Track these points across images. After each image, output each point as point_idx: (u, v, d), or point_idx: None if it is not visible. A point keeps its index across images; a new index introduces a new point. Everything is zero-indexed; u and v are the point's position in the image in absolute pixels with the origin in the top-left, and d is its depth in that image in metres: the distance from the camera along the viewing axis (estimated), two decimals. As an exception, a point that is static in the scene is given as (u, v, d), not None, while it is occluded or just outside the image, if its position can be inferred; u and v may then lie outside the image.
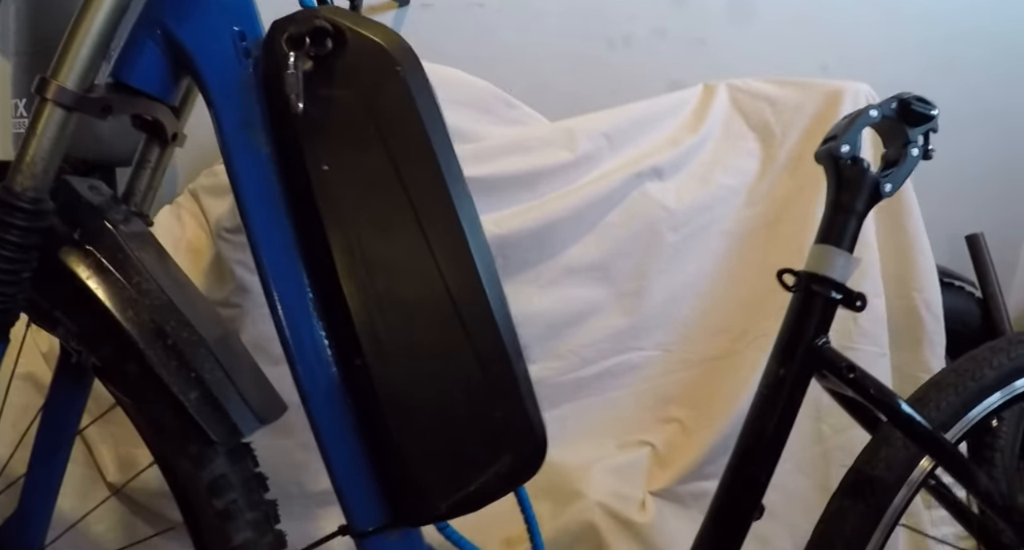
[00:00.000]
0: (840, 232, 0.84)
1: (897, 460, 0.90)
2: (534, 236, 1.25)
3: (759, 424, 0.84)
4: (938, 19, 1.74)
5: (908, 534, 1.32)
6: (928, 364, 1.37)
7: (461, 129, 1.28)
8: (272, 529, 0.77)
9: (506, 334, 0.74)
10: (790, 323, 0.84)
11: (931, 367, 1.37)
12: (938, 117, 0.87)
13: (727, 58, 1.63)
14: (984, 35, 1.77)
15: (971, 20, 1.76)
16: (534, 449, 0.75)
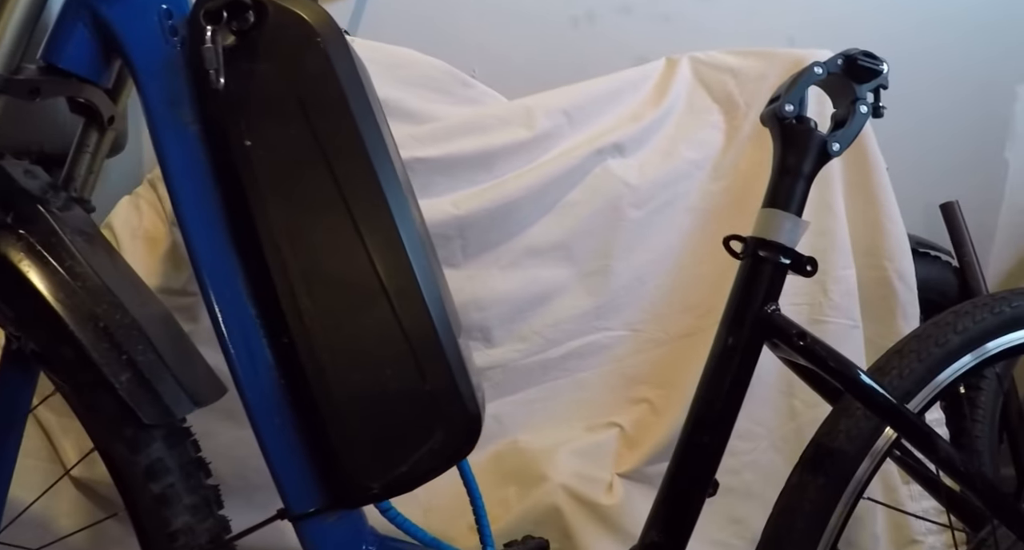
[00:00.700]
0: (787, 195, 0.82)
1: (858, 431, 0.87)
2: (493, 216, 1.23)
3: (710, 395, 0.82)
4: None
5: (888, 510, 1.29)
6: (903, 335, 1.33)
7: (415, 109, 1.25)
8: (213, 514, 0.76)
9: (434, 309, 0.72)
10: (738, 290, 0.82)
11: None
12: (888, 73, 0.84)
13: (693, 33, 1.60)
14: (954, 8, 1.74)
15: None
16: (468, 425, 0.73)
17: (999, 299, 0.97)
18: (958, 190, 1.64)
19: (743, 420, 1.30)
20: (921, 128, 1.71)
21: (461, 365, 0.73)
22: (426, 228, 0.85)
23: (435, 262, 0.80)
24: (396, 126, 1.22)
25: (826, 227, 1.30)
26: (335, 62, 0.70)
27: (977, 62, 1.74)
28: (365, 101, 0.72)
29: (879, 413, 0.84)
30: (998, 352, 0.95)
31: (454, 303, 0.85)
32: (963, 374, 0.93)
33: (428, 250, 0.77)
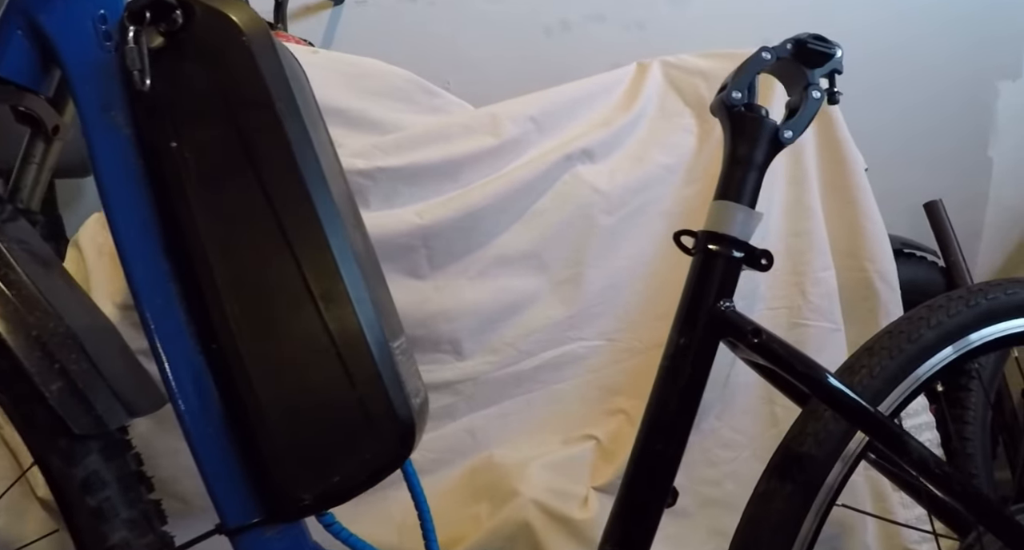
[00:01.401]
0: (739, 186, 0.79)
1: (826, 434, 0.83)
2: (459, 226, 1.20)
3: (663, 399, 0.78)
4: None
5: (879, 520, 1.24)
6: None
7: (379, 119, 1.23)
8: (153, 530, 0.74)
9: (363, 314, 0.69)
10: (690, 287, 0.78)
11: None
12: (842, 57, 0.81)
13: (667, 40, 1.59)
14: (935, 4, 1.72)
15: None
16: (400, 433, 0.70)
17: (975, 291, 0.93)
18: (943, 189, 1.61)
19: (724, 429, 1.28)
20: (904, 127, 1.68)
21: (393, 371, 0.70)
22: (364, 231, 0.83)
23: (370, 265, 0.78)
24: (360, 136, 1.21)
25: (803, 228, 1.27)
26: (260, 61, 0.69)
27: (958, 59, 1.72)
28: (292, 101, 0.70)
29: (846, 415, 0.80)
30: (974, 347, 0.91)
31: (394, 308, 0.83)
32: (938, 372, 0.89)
33: (361, 253, 0.75)
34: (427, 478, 1.23)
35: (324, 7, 1.55)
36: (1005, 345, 0.94)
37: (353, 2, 1.53)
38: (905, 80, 1.68)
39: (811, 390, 0.79)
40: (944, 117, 1.73)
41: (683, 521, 1.20)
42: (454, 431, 1.24)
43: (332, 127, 1.21)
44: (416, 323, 1.19)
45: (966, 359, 0.91)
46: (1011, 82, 1.74)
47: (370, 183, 1.18)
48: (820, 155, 1.31)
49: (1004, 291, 0.94)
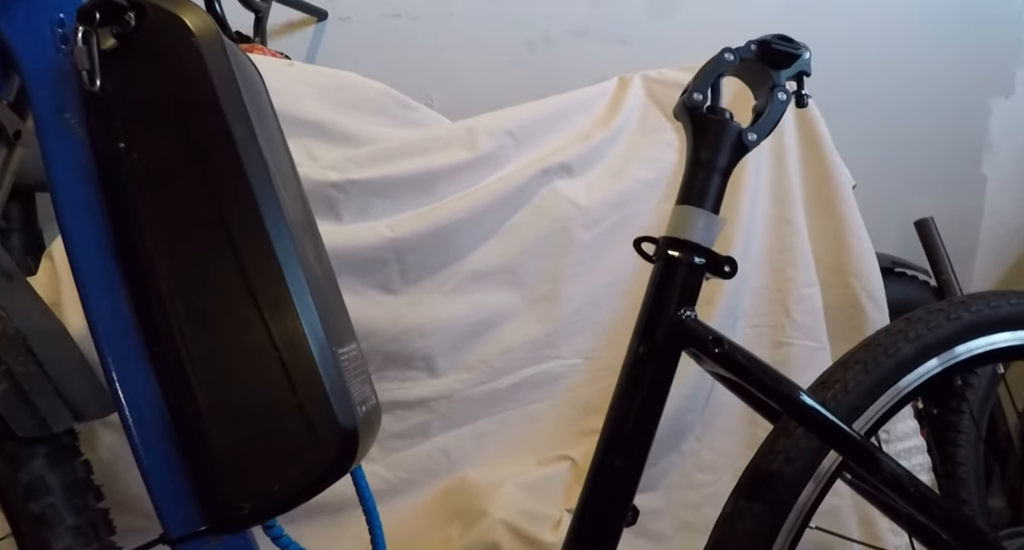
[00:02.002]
0: (701, 191, 0.76)
1: (798, 452, 0.79)
2: (432, 240, 1.18)
3: (621, 412, 0.75)
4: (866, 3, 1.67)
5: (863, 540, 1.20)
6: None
7: (355, 132, 1.22)
8: (99, 538, 0.73)
9: (306, 319, 0.67)
10: (650, 295, 0.75)
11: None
12: (809, 59, 0.78)
13: (650, 55, 1.57)
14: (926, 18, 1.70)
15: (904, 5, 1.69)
16: (342, 441, 0.67)
17: (957, 304, 0.89)
18: (935, 206, 1.58)
19: (704, 451, 1.24)
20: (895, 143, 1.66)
21: (337, 378, 0.68)
22: (317, 238, 0.81)
23: (320, 271, 0.76)
24: (334, 149, 1.20)
25: (786, 244, 1.24)
26: (209, 63, 0.68)
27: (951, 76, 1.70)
28: (240, 105, 0.69)
29: (817, 432, 0.76)
30: (956, 363, 0.88)
31: (346, 315, 0.81)
32: (918, 388, 0.86)
33: (310, 258, 0.73)
34: (400, 499, 1.20)
35: (308, 23, 1.55)
36: (988, 361, 0.91)
37: (336, 18, 1.53)
38: (897, 96, 1.66)
39: (779, 405, 0.76)
40: (936, 134, 1.71)
41: (661, 545, 1.16)
42: (428, 451, 1.21)
43: (306, 139, 1.21)
44: (389, 338, 1.16)
45: (947, 375, 0.87)
46: (1004, 99, 1.72)
47: (343, 196, 1.16)
48: (805, 170, 1.29)
49: (987, 304, 0.90)
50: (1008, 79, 1.71)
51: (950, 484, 1.27)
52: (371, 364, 1.18)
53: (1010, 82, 1.71)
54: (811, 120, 1.29)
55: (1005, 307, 0.90)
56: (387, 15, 1.52)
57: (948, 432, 1.30)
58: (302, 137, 1.20)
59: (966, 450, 1.27)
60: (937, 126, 1.71)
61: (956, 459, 1.26)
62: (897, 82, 1.66)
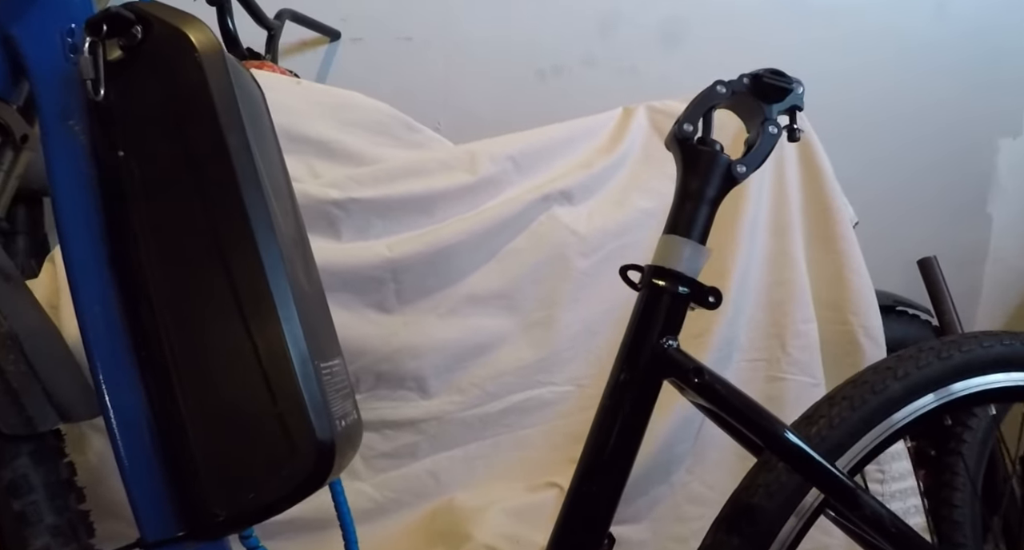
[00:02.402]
0: (689, 221, 0.76)
1: (779, 486, 0.79)
2: (430, 261, 1.18)
3: (600, 438, 0.74)
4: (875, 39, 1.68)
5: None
6: (872, 397, 1.24)
7: (358, 151, 1.23)
8: (78, 539, 0.73)
9: (290, 333, 0.68)
10: (634, 323, 0.75)
11: (875, 401, 1.24)
12: (803, 94, 0.79)
13: (659, 85, 1.58)
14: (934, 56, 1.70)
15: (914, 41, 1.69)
16: (318, 453, 0.67)
17: (949, 343, 0.89)
18: (940, 245, 1.57)
19: (695, 483, 1.23)
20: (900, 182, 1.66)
21: (317, 391, 0.68)
22: (308, 253, 0.81)
23: (308, 285, 0.77)
24: (336, 167, 1.21)
25: (785, 278, 1.24)
26: (210, 77, 0.70)
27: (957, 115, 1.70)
28: (238, 119, 0.71)
29: (796, 467, 0.75)
30: (946, 402, 0.87)
31: (332, 330, 0.81)
32: (906, 426, 0.85)
33: (298, 273, 0.74)
34: (387, 519, 1.19)
35: (321, 43, 1.57)
36: (979, 402, 0.90)
37: (349, 39, 1.55)
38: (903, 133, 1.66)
39: (760, 439, 0.76)
40: (942, 172, 1.70)
41: (646, 577, 1.15)
42: (416, 472, 1.21)
43: (310, 157, 1.22)
44: (382, 358, 1.16)
45: (936, 415, 0.86)
46: (1011, 139, 1.71)
47: (343, 214, 1.17)
48: (806, 205, 1.28)
49: (980, 344, 0.89)
50: (1016, 120, 1.71)
51: (945, 527, 1.25)
52: (363, 383, 1.18)
53: (1018, 123, 1.71)
54: (813, 154, 1.29)
55: (997, 347, 0.90)
56: (399, 38, 1.54)
57: (944, 475, 1.28)
58: (306, 154, 1.21)
59: (962, 493, 1.25)
60: (943, 164, 1.70)
61: (952, 502, 1.24)
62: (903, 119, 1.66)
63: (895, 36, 1.68)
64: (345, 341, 1.14)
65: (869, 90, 1.65)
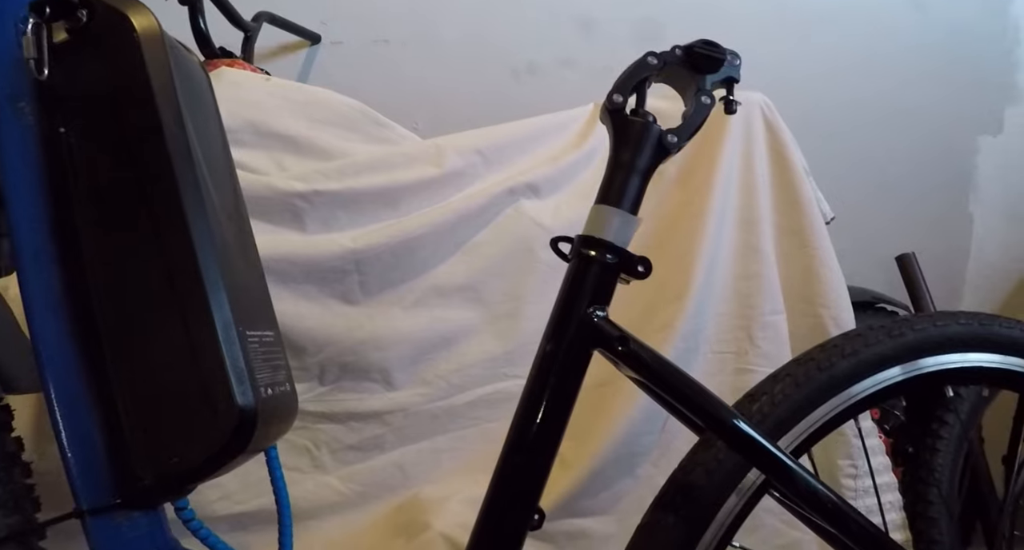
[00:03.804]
0: (620, 191, 0.75)
1: (718, 464, 0.76)
2: (393, 253, 1.18)
3: (528, 409, 0.73)
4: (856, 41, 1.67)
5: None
6: (844, 391, 1.22)
7: (325, 146, 1.24)
8: (21, 511, 0.74)
9: (214, 297, 0.69)
10: (563, 294, 0.74)
11: (847, 394, 1.22)
12: (739, 65, 0.78)
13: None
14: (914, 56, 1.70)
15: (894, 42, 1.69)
16: (238, 422, 0.68)
17: (900, 321, 0.87)
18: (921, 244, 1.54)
19: (660, 477, 1.19)
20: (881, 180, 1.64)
21: (240, 357, 0.69)
22: (244, 228, 0.82)
23: (241, 256, 0.78)
24: (304, 161, 1.21)
25: (752, 271, 1.22)
26: (147, 56, 0.73)
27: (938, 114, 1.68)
28: (172, 96, 0.74)
29: (733, 445, 0.73)
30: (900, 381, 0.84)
31: (268, 302, 0.82)
32: (855, 405, 0.83)
33: (230, 242, 0.76)
34: (353, 512, 1.18)
35: (301, 46, 1.59)
36: (933, 383, 0.88)
37: (329, 42, 1.57)
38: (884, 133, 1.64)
39: (693, 414, 0.74)
40: (923, 172, 1.69)
41: (609, 572, 1.13)
42: (383, 465, 1.20)
43: (278, 152, 1.23)
44: (345, 349, 1.16)
45: (889, 395, 0.84)
46: (992, 137, 1.69)
47: (307, 206, 1.17)
48: (775, 199, 1.27)
49: (934, 323, 0.87)
50: (997, 119, 1.69)
51: (921, 523, 1.21)
52: (328, 374, 1.18)
53: (999, 121, 1.69)
54: (783, 149, 1.29)
55: (953, 327, 0.87)
56: (377, 41, 1.56)
57: (920, 470, 1.24)
58: (274, 149, 1.23)
59: (938, 490, 1.21)
60: (924, 164, 1.69)
61: (927, 498, 1.21)
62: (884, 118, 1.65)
63: (874, 37, 1.68)
64: (309, 332, 1.16)
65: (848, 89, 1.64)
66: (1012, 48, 1.69)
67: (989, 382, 0.92)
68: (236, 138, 1.21)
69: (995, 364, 0.89)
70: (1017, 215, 1.67)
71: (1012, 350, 0.90)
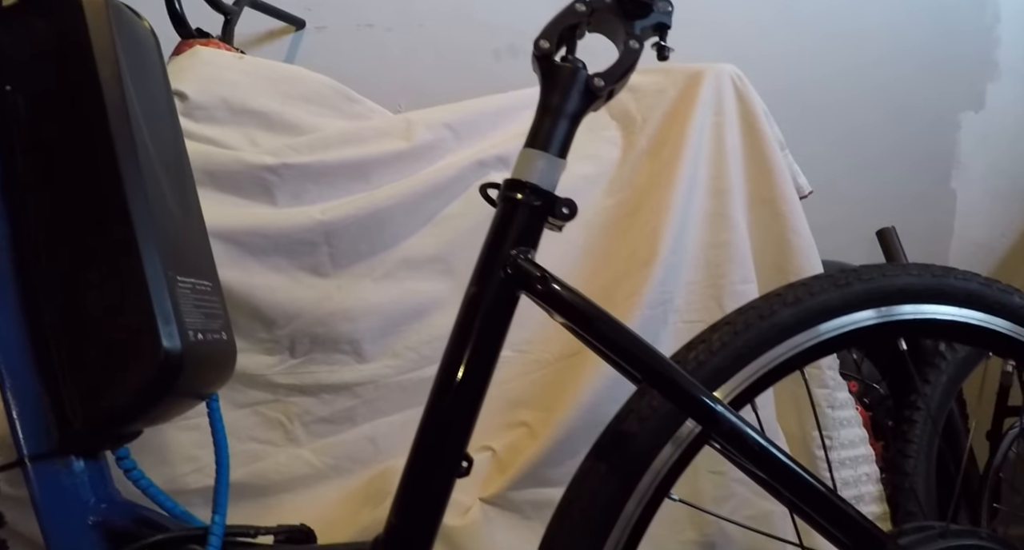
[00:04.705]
0: (547, 135, 0.76)
1: (651, 412, 0.75)
2: (363, 225, 1.19)
3: (454, 353, 0.73)
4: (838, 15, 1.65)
5: None
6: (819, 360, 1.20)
7: (296, 122, 1.25)
8: None
9: (143, 240, 0.71)
10: (488, 237, 0.75)
11: (820, 363, 1.21)
12: (671, 12, 0.78)
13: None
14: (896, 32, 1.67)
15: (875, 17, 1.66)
16: (163, 363, 0.70)
17: (849, 271, 0.85)
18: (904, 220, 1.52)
19: None
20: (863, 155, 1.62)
21: (167, 299, 0.71)
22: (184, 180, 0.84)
23: (177, 207, 0.80)
24: (276, 137, 1.23)
25: (722, 239, 1.21)
26: (89, 18, 0.76)
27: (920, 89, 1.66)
28: (112, 55, 0.76)
29: (665, 392, 0.72)
30: (848, 332, 0.83)
31: (208, 253, 0.84)
32: (798, 355, 0.81)
33: (163, 191, 0.77)
34: (325, 485, 1.18)
35: (287, 32, 1.61)
36: (884, 335, 0.86)
37: (313, 28, 1.59)
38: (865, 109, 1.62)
39: (621, 358, 0.73)
40: (905, 147, 1.66)
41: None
42: (355, 438, 1.20)
43: (251, 128, 1.25)
44: (315, 320, 1.17)
45: (837, 345, 0.82)
46: (973, 113, 1.66)
47: (277, 179, 1.19)
48: (747, 168, 1.26)
49: (883, 273, 0.86)
50: (979, 93, 1.66)
51: (898, 496, 1.19)
52: (299, 346, 1.18)
53: (981, 96, 1.66)
54: (754, 119, 1.27)
55: (904, 278, 0.86)
56: (361, 25, 1.58)
57: (898, 441, 1.22)
58: (246, 125, 1.24)
59: (915, 461, 1.19)
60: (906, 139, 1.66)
61: (904, 470, 1.19)
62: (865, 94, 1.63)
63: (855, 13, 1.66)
64: (279, 304, 1.17)
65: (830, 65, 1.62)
66: (993, 24, 1.66)
67: (944, 336, 0.90)
68: (209, 115, 1.23)
69: (950, 317, 0.87)
70: (1000, 191, 1.64)
71: (968, 303, 0.88)
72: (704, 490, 1.16)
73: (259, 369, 1.17)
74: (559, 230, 0.77)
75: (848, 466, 1.20)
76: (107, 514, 0.75)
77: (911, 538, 0.85)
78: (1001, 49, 1.68)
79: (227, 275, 1.13)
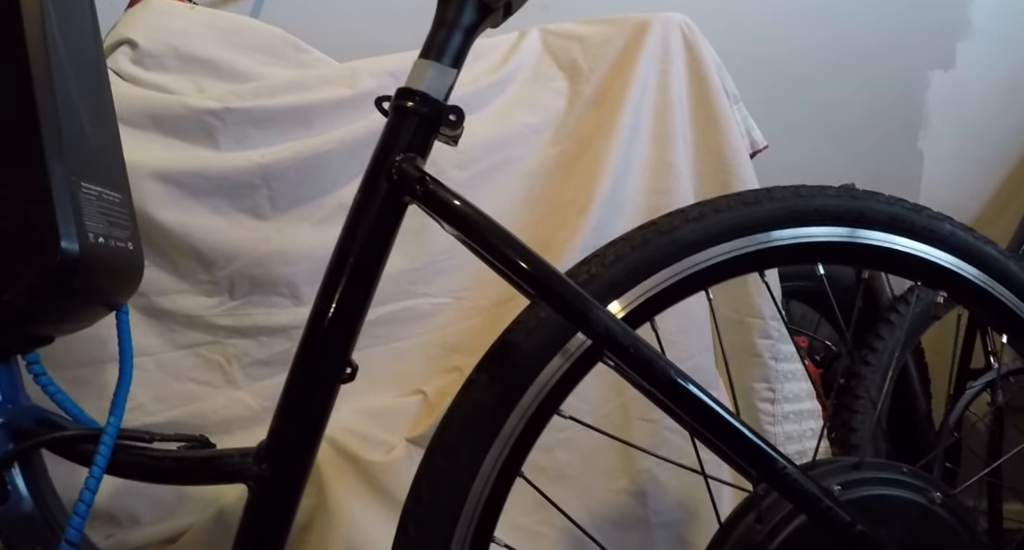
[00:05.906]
0: (441, 46, 0.75)
1: (538, 322, 0.74)
2: (302, 169, 1.19)
3: (339, 259, 0.73)
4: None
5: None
6: (760, 309, 1.19)
7: (244, 70, 1.26)
8: None
9: (50, 144, 0.73)
10: (378, 145, 0.74)
11: (762, 312, 1.19)
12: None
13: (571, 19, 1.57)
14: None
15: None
16: (61, 262, 0.71)
17: (759, 190, 0.84)
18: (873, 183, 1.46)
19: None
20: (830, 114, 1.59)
21: (68, 202, 0.72)
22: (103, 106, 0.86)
23: (88, 122, 0.81)
24: (222, 84, 1.24)
25: (665, 186, 1.20)
26: None
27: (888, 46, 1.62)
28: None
29: (551, 302, 0.71)
30: (753, 251, 0.81)
31: (120, 165, 0.85)
32: (701, 273, 0.79)
33: (75, 108, 0.78)
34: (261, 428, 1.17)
35: (249, -10, 1.63)
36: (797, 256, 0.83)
37: (277, -11, 1.60)
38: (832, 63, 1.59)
39: (511, 271, 0.72)
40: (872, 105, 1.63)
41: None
42: (292, 382, 1.20)
43: (198, 76, 1.26)
44: (253, 262, 1.18)
45: (740, 266, 0.80)
46: (943, 72, 1.63)
47: (220, 123, 1.20)
48: (693, 116, 1.25)
49: (798, 193, 0.84)
50: (949, 52, 1.63)
51: (844, 452, 1.18)
52: (238, 289, 1.19)
53: (951, 55, 1.63)
54: (703, 68, 1.27)
55: (820, 198, 0.84)
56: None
57: (846, 397, 1.21)
58: (194, 73, 1.25)
59: (863, 416, 1.17)
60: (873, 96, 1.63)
61: (851, 425, 1.17)
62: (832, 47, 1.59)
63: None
64: (219, 245, 1.17)
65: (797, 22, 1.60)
66: (966, -20, 1.63)
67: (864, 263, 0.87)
68: (159, 63, 1.24)
69: (874, 242, 0.85)
70: (969, 153, 1.60)
71: (892, 228, 0.86)
72: (636, 438, 1.15)
73: (199, 310, 1.17)
74: (454, 144, 0.77)
75: (792, 420, 1.19)
76: (12, 414, 0.76)
77: (822, 469, 0.82)
78: (973, 7, 1.65)
79: (168, 216, 1.14)
